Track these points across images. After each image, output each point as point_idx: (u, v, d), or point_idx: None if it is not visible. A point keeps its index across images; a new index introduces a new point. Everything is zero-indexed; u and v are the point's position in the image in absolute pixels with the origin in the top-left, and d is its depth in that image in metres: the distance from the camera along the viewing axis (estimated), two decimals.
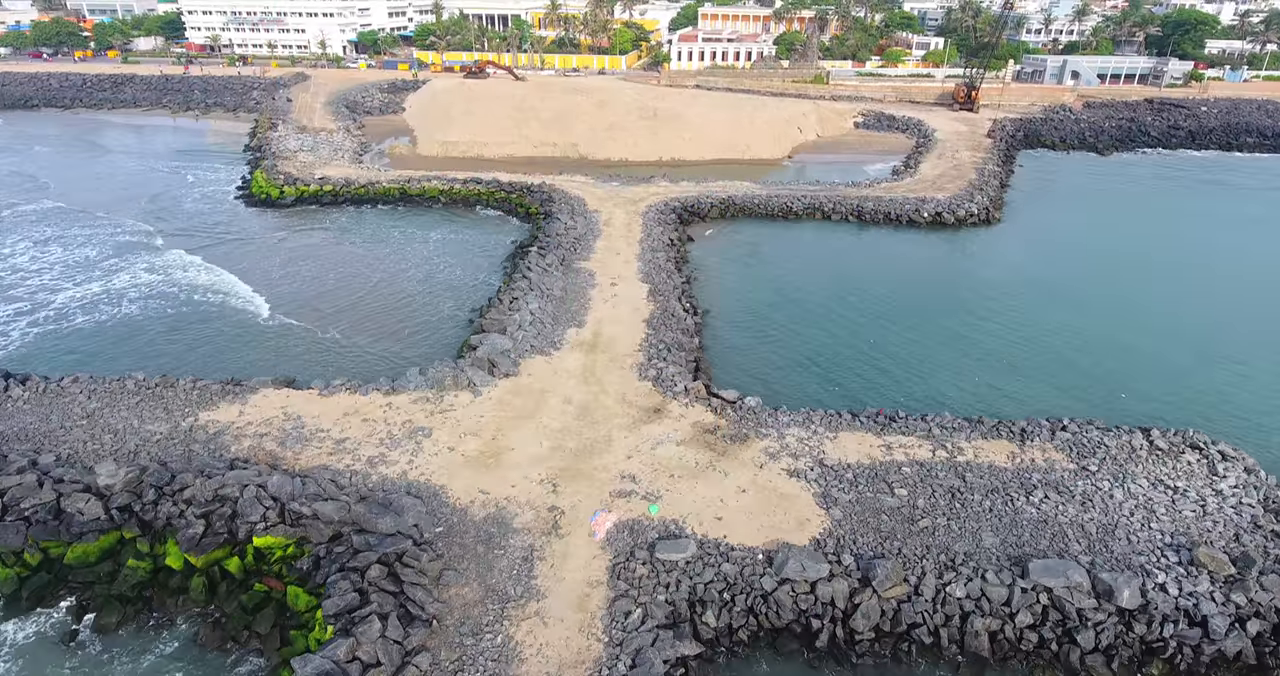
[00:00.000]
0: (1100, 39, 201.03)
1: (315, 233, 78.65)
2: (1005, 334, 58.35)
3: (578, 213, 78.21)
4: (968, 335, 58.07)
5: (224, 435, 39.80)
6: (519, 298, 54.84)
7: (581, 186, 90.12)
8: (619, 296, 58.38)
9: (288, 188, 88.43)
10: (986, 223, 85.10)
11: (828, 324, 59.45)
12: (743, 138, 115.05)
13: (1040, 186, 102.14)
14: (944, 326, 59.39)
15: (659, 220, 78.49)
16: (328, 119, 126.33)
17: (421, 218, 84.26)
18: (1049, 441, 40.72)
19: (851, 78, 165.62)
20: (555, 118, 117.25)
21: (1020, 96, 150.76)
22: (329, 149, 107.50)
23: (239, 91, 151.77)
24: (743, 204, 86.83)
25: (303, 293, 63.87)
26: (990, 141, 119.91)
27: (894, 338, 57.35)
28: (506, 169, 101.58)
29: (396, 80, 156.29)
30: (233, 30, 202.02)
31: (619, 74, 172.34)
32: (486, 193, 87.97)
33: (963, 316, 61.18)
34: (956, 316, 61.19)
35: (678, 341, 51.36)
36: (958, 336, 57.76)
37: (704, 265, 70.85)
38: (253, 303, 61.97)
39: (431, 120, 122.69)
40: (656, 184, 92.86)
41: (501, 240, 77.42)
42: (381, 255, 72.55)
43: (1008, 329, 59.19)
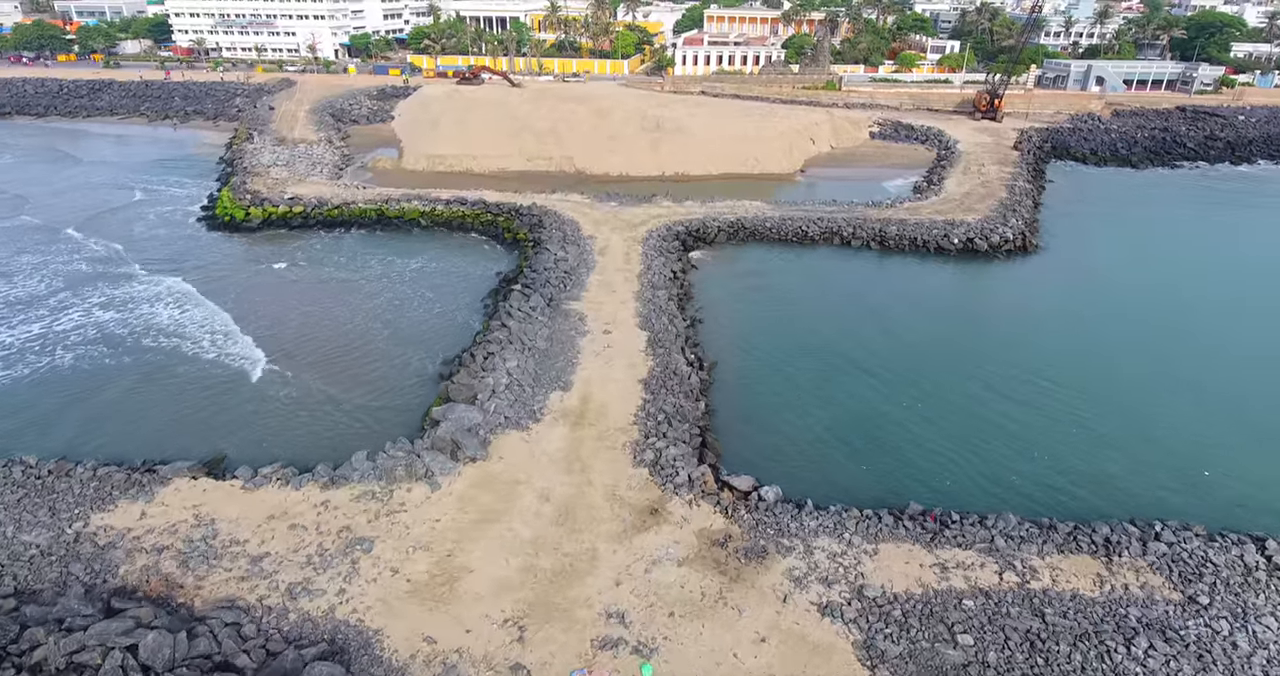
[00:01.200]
0: (1123, 43, 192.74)
1: (279, 262, 70.80)
2: (1061, 391, 50.29)
3: (570, 240, 70.32)
4: (1017, 393, 50.00)
5: (116, 549, 31.99)
6: (495, 353, 46.91)
7: (576, 207, 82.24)
8: (613, 348, 50.46)
9: (254, 209, 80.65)
10: (1023, 250, 76.88)
11: (853, 379, 51.46)
12: (751, 150, 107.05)
13: (1076, 206, 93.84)
14: (988, 382, 51.33)
15: (660, 248, 70.55)
16: (310, 129, 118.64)
17: (399, 243, 76.39)
18: (1140, 557, 32.72)
19: (865, 84, 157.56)
20: (550, 129, 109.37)
21: (1045, 104, 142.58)
22: (306, 163, 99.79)
23: (221, 98, 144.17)
24: (753, 227, 78.84)
25: (257, 339, 56.02)
26: (1018, 154, 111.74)
27: (931, 397, 49.34)
28: (497, 185, 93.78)
29: (386, 86, 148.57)
30: (220, 33, 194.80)
31: (620, 79, 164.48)
32: (471, 215, 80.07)
33: (1009, 370, 53.08)
34: (1002, 369, 53.10)
35: (680, 409, 43.45)
36: (1006, 396, 49.68)
37: (710, 301, 62.90)
38: (194, 352, 54.14)
39: (420, 131, 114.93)
40: (658, 204, 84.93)
41: (485, 271, 69.55)
42: (350, 290, 64.70)
43: (1063, 385, 51.11)
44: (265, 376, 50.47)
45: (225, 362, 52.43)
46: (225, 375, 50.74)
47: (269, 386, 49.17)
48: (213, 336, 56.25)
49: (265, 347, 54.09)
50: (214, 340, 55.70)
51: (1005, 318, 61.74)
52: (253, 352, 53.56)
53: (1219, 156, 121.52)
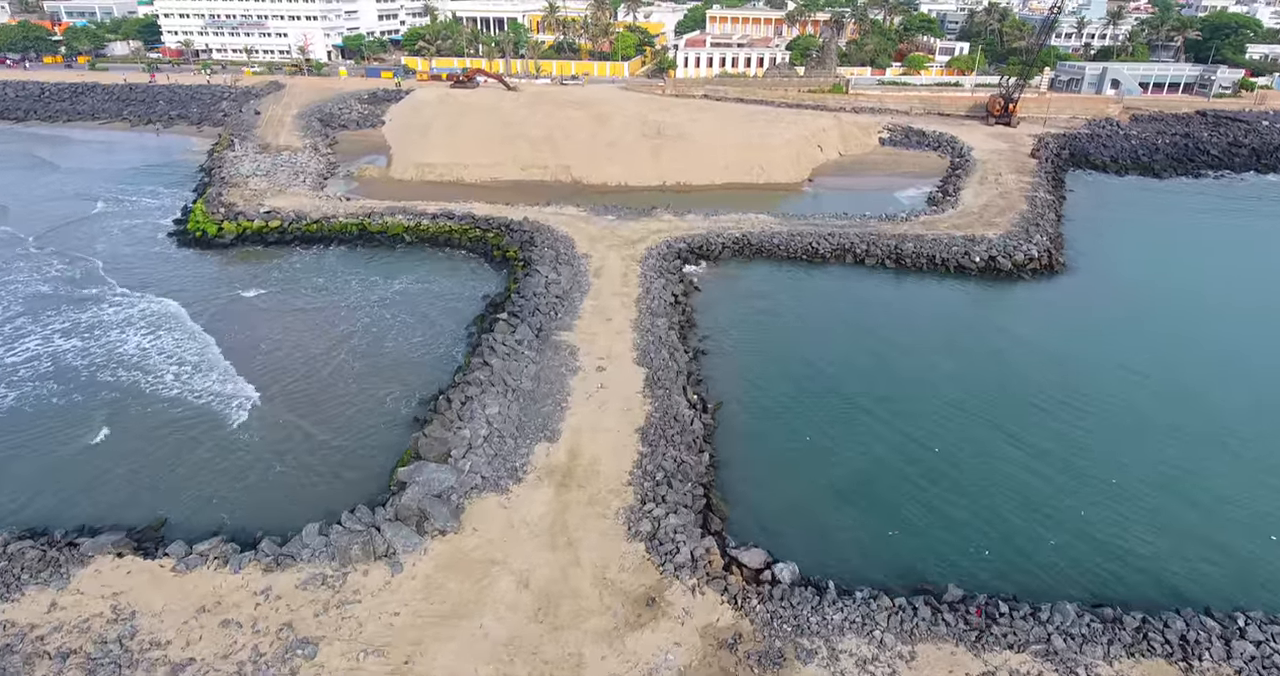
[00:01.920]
0: (1136, 44, 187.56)
1: (249, 289, 65.62)
2: (1105, 441, 45.28)
3: (563, 260, 65.29)
4: (1056, 445, 44.98)
5: (13, 653, 27.04)
6: (474, 398, 41.87)
7: (571, 221, 77.24)
8: (607, 388, 45.43)
9: (227, 224, 75.64)
10: (1049, 269, 71.73)
11: (872, 424, 46.40)
12: (756, 158, 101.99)
13: (1101, 220, 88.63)
14: (1022, 430, 46.30)
15: (660, 268, 65.53)
16: (295, 135, 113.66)
17: (381, 262, 71.38)
18: (1225, 660, 27.70)
19: (873, 87, 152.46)
20: (546, 136, 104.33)
21: (1060, 108, 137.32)
22: (289, 172, 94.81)
23: (207, 103, 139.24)
24: (759, 243, 73.80)
25: (218, 376, 51.05)
26: (1036, 162, 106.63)
27: (960, 447, 44.30)
28: (488, 196, 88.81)
29: (378, 90, 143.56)
30: (210, 34, 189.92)
31: (620, 82, 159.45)
32: (459, 230, 75.04)
33: (1044, 415, 48.00)
34: (1036, 414, 48.02)
35: (681, 464, 38.44)
36: (1044, 448, 44.66)
37: (715, 328, 57.84)
38: (151, 390, 49.17)
39: (410, 138, 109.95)
40: (659, 217, 79.90)
41: (472, 292, 64.55)
42: (324, 317, 59.65)
43: (1107, 433, 46.11)
44: (222, 421, 45.48)
45: (182, 404, 47.46)
46: (179, 419, 45.76)
47: (225, 433, 44.21)
48: (173, 372, 51.26)
49: (226, 387, 49.10)
50: (176, 375, 50.70)
51: (1035, 350, 56.55)
52: (213, 393, 48.58)
53: (1244, 164, 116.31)
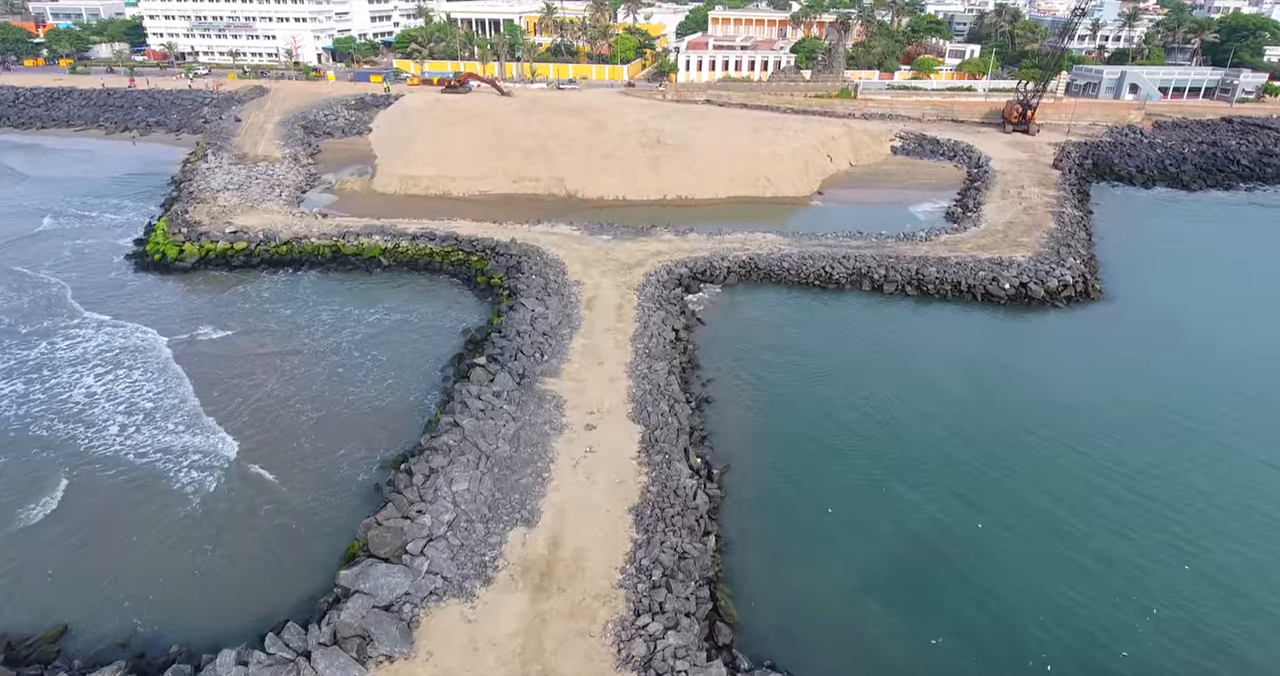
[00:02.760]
0: (1152, 47, 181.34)
1: (209, 316, 59.53)
2: (1168, 504, 39.15)
3: (552, 289, 59.13)
4: (1112, 511, 38.83)
5: None
6: (439, 471, 35.71)
7: (563, 242, 71.16)
8: (597, 452, 39.28)
9: (189, 245, 69.50)
10: (1085, 295, 65.52)
11: (901, 491, 40.24)
12: (763, 169, 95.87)
13: (1133, 238, 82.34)
14: (1072, 493, 40.18)
15: (660, 298, 59.39)
16: (275, 144, 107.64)
17: (355, 289, 65.24)
18: None
19: (883, 91, 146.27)
20: (540, 145, 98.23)
21: (1080, 114, 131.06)
22: (264, 186, 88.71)
23: (187, 109, 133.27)
24: (768, 267, 67.66)
25: (153, 435, 44.98)
26: (1059, 173, 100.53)
27: (1002, 519, 38.17)
28: (477, 212, 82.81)
29: (366, 95, 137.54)
30: (197, 36, 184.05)
31: (619, 85, 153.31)
32: (440, 253, 68.89)
33: (1097, 474, 41.88)
34: (1087, 475, 41.91)
35: (682, 557, 32.29)
36: (1100, 514, 38.51)
37: (720, 370, 51.65)
38: (71, 453, 43.12)
39: (395, 147, 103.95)
40: (658, 237, 73.81)
41: (453, 325, 58.39)
42: (286, 355, 53.46)
43: (1169, 494, 39.99)
44: (151, 490, 39.37)
45: (108, 467, 41.38)
46: (101, 489, 39.66)
47: (152, 508, 38.08)
48: (97, 428, 45.20)
49: (160, 447, 42.99)
50: (100, 432, 44.65)
51: (1078, 394, 50.27)
52: (142, 454, 42.47)
53: (1277, 175, 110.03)
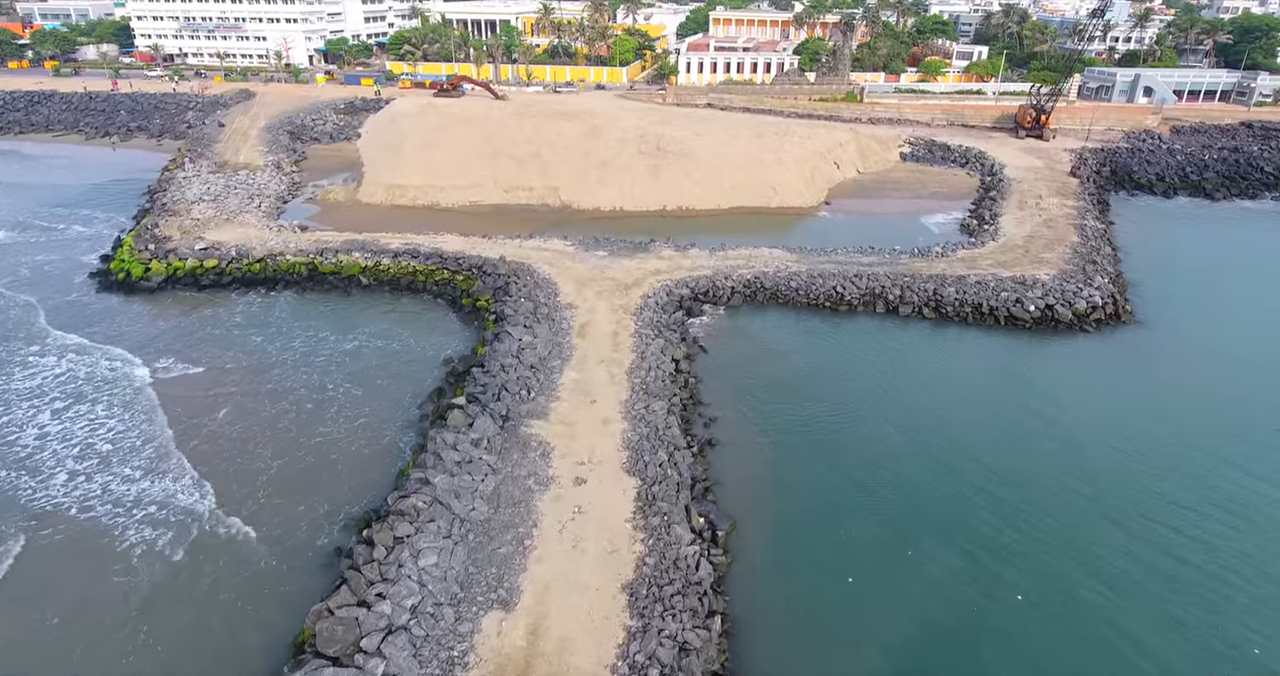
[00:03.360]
0: (1164, 48, 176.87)
1: (171, 344, 54.97)
2: (1222, 571, 34.70)
3: (542, 314, 54.64)
4: (1157, 583, 34.37)
5: None
6: (403, 542, 31.19)
7: (556, 259, 66.69)
8: (586, 513, 34.79)
9: (155, 263, 65.03)
10: (1115, 318, 61.02)
11: (933, 547, 35.78)
12: (768, 178, 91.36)
13: (1159, 253, 77.78)
14: (1114, 563, 35.70)
15: (659, 323, 54.89)
16: (258, 151, 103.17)
17: (331, 312, 60.75)
18: None
19: (889, 95, 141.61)
20: (533, 153, 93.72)
21: (1094, 118, 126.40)
22: (242, 196, 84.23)
23: (171, 113, 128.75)
24: (774, 286, 63.17)
25: (81, 490, 40.55)
26: (1077, 182, 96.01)
27: (1056, 588, 33.71)
28: (466, 225, 78.43)
29: (356, 98, 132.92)
30: (186, 38, 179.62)
31: (617, 89, 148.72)
32: (424, 272, 64.39)
33: (1143, 534, 37.41)
34: (1145, 527, 37.42)
35: (683, 649, 27.80)
36: (1151, 612, 34.02)
37: (725, 405, 47.14)
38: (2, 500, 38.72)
39: (382, 155, 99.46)
40: (657, 253, 69.34)
41: (434, 353, 53.90)
42: (251, 389, 48.95)
43: (1225, 560, 35.53)
44: (85, 560, 34.93)
45: (39, 530, 36.93)
46: (35, 554, 35.22)
47: (84, 580, 33.65)
48: (43, 480, 40.76)
49: (102, 504, 38.54)
50: (42, 489, 40.22)
51: (1114, 438, 45.69)
52: (86, 512, 38.04)
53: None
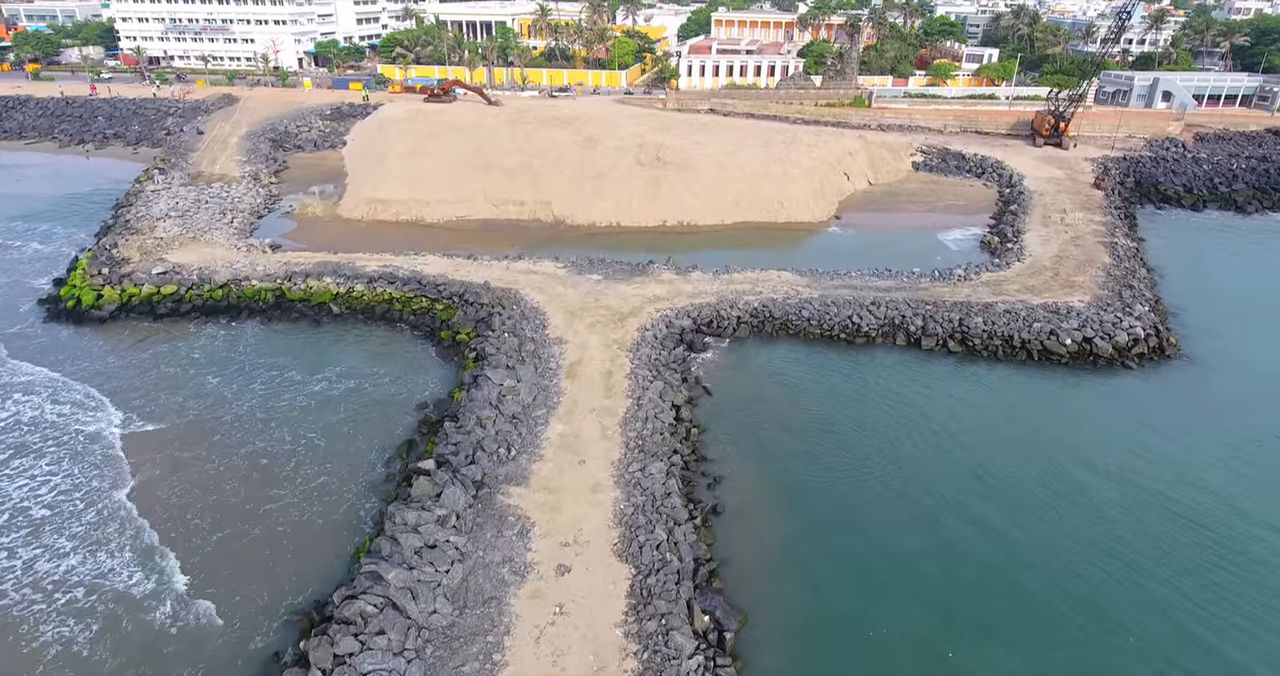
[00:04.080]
0: (1179, 51, 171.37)
1: (117, 385, 49.47)
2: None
3: (528, 351, 49.18)
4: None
5: None
6: (348, 662, 25.71)
7: (546, 284, 61.21)
8: (569, 615, 29.27)
9: (108, 289, 59.56)
10: (1159, 352, 55.47)
11: (977, 655, 30.33)
12: (775, 191, 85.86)
13: (1196, 274, 72.14)
14: (1196, 658, 30.26)
15: (657, 363, 49.43)
16: (235, 161, 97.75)
17: (298, 346, 55.22)
18: None
19: (899, 100, 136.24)
20: (525, 164, 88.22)
21: (1114, 125, 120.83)
22: (213, 211, 78.76)
23: (150, 119, 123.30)
24: (784, 315, 57.68)
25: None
26: (1102, 194, 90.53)
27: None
28: (450, 242, 73.24)
29: (343, 104, 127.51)
30: (172, 40, 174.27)
31: (616, 93, 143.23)
32: (401, 299, 58.92)
33: (1218, 639, 32.00)
34: (1206, 638, 32.00)
35: None
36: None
37: (732, 462, 41.66)
38: None
39: (366, 165, 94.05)
40: (656, 276, 63.87)
41: (408, 396, 48.43)
42: (200, 441, 43.47)
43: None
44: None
45: None
46: None
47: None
48: None
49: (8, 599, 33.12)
50: None
51: (1188, 498, 40.25)
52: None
53: None
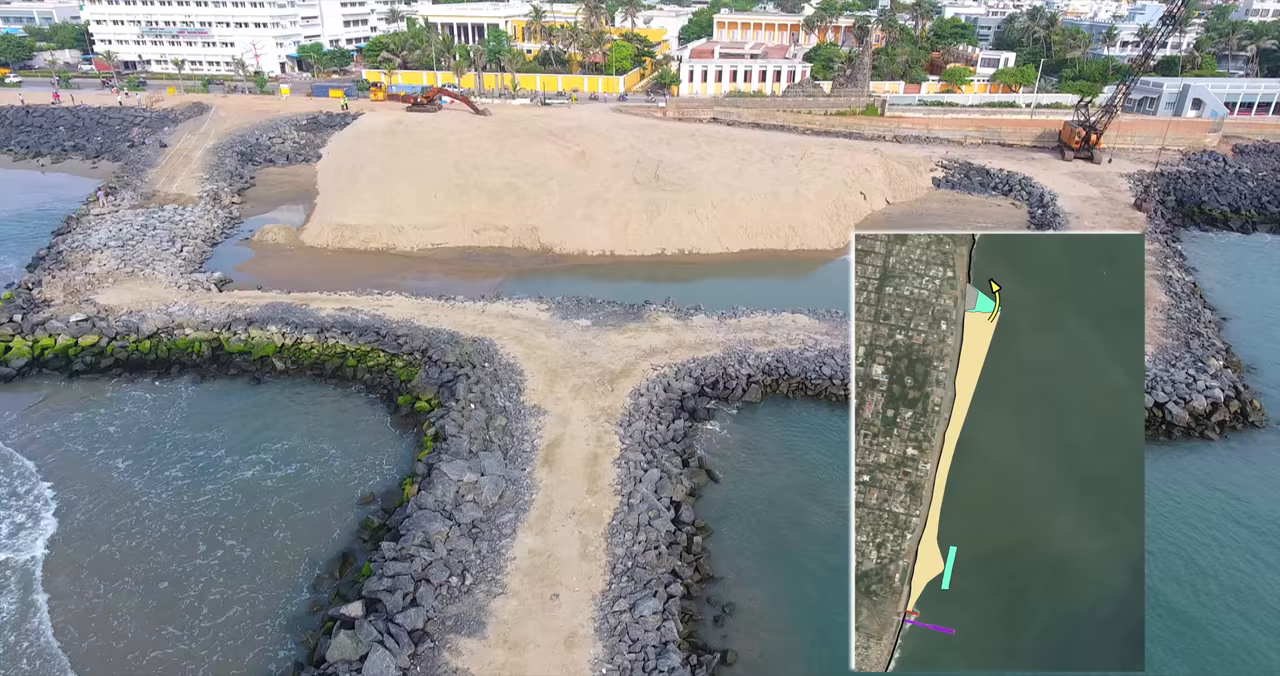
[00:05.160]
0: (1204, 55, 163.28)
1: (9, 471, 41.61)
2: None
3: (498, 427, 40.98)
4: None
5: None
6: None
7: (526, 332, 53.02)
8: None
9: (18, 341, 51.34)
10: (1242, 418, 47.28)
11: None
12: (785, 215, 77.69)
13: (1262, 312, 64.04)
14: None
15: (653, 443, 41.23)
16: (195, 179, 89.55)
17: (235, 414, 46.92)
18: None
19: (914, 108, 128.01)
20: (509, 185, 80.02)
21: (1144, 136, 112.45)
22: (160, 239, 70.55)
23: (115, 130, 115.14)
24: (801, 373, 49.53)
25: None
26: (1144, 217, 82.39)
27: None
28: (424, 273, 65.57)
29: (321, 113, 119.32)
30: (148, 44, 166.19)
31: (612, 100, 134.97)
32: (356, 354, 50.67)
33: None
34: None
35: None
36: None
37: (742, 583, 33.46)
38: None
39: (338, 184, 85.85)
40: (654, 319, 55.70)
41: (357, 483, 40.18)
42: (83, 558, 35.40)
43: None
44: None
45: None
46: None
47: None
48: None
49: None
50: None
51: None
52: None
53: None
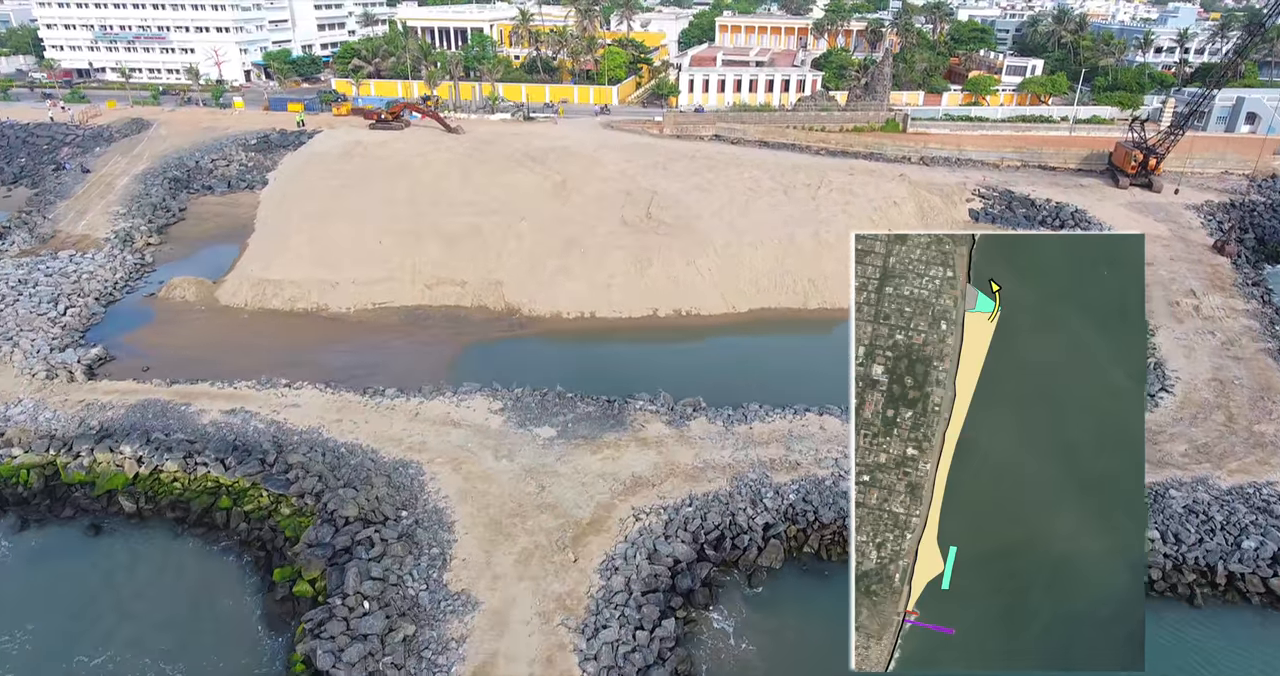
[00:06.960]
0: (1246, 63, 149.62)
1: None
2: None
3: (394, 642, 27.83)
4: None
5: None
6: None
7: (467, 448, 39.82)
8: None
9: None
10: None
11: None
12: (804, 265, 64.33)
13: None
14: None
15: (628, 655, 28.20)
16: (110, 214, 76.27)
17: (51, 585, 33.76)
18: None
19: (938, 122, 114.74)
20: (472, 226, 66.68)
21: (1205, 156, 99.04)
22: (39, 299, 57.22)
23: (42, 150, 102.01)
24: (836, 521, 36.34)
25: None
26: (1228, 262, 69.16)
27: None
28: (355, 343, 52.30)
29: (274, 130, 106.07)
30: (103, 50, 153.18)
31: (602, 112, 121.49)
32: (233, 491, 37.46)
33: None
34: None
35: None
36: None
37: None
38: None
39: (272, 224, 72.59)
40: (640, 427, 42.55)
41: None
42: None
43: None
44: None
45: None
46: None
47: None
48: None
49: None
50: None
51: None
52: None
53: None
